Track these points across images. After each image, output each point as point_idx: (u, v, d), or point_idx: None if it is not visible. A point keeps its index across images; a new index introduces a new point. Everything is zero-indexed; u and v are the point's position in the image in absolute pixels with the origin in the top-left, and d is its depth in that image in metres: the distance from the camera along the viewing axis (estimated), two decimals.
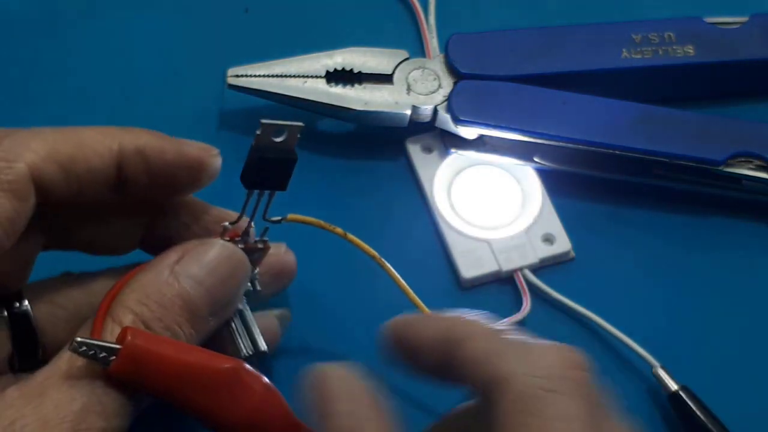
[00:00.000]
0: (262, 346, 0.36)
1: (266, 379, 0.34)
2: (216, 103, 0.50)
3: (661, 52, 0.49)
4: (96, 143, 0.34)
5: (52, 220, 0.36)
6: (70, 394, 0.31)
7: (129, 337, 0.31)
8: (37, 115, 0.49)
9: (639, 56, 0.49)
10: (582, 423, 0.29)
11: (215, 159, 0.37)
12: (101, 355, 0.31)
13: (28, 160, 0.33)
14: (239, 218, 0.37)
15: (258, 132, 0.34)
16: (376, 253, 0.40)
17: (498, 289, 0.46)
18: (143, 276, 0.34)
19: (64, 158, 0.34)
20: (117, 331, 0.32)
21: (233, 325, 0.37)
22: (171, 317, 0.33)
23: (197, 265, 0.35)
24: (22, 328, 0.36)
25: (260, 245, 0.38)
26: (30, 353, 0.36)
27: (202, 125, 0.49)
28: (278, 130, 0.34)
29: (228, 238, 0.36)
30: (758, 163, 0.47)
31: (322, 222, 0.39)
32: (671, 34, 0.50)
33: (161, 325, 0.33)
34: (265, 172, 0.35)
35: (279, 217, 0.38)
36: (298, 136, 0.35)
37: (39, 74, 0.51)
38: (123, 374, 0.31)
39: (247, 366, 0.34)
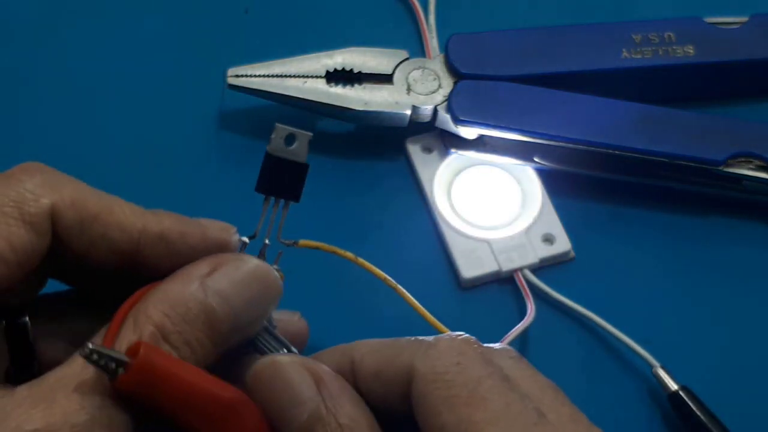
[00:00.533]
0: (293, 349, 0.36)
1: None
2: (216, 103, 0.50)
3: (661, 52, 0.49)
4: (123, 218, 0.34)
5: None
6: (80, 404, 0.30)
7: (141, 352, 0.30)
8: (36, 116, 0.49)
9: (639, 56, 0.49)
10: (496, 377, 0.32)
11: (235, 237, 0.36)
12: (111, 366, 0.30)
13: (53, 199, 0.33)
14: (256, 233, 0.36)
15: (272, 135, 0.35)
16: (388, 276, 0.40)
17: (498, 289, 0.46)
18: (170, 285, 0.33)
19: (86, 215, 0.33)
20: (134, 340, 0.31)
21: (263, 344, 0.36)
22: (192, 332, 0.32)
23: (228, 281, 0.34)
24: (20, 341, 0.35)
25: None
26: (26, 367, 0.35)
27: (202, 125, 0.49)
28: (290, 135, 0.35)
29: None
30: (758, 163, 0.47)
31: (334, 248, 0.39)
32: (671, 34, 0.50)
33: (181, 339, 0.32)
34: (278, 175, 0.36)
35: (291, 241, 0.38)
36: (308, 144, 0.35)
37: (38, 74, 0.51)
38: (128, 388, 0.31)
39: (249, 398, 0.33)
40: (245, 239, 0.36)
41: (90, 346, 0.30)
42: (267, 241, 0.37)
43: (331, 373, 0.33)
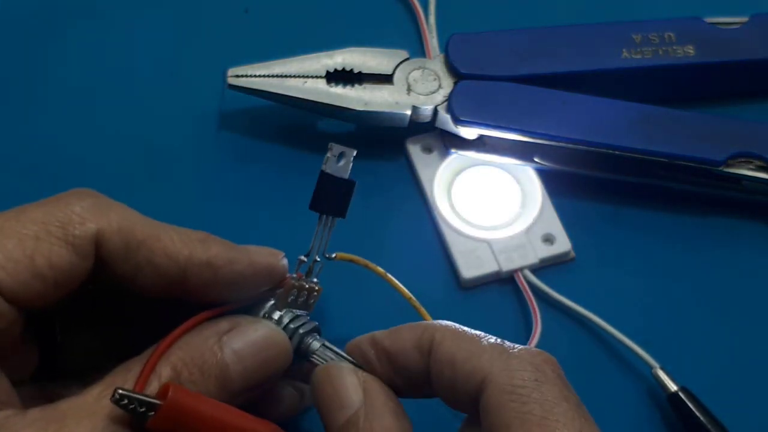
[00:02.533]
0: (351, 360, 0.36)
1: None
2: (216, 103, 0.50)
3: (661, 52, 0.49)
4: (170, 244, 0.35)
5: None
6: (90, 430, 0.31)
7: (170, 394, 0.31)
8: (37, 115, 0.49)
9: (639, 56, 0.49)
10: (572, 402, 0.31)
11: (283, 261, 0.37)
12: (141, 410, 0.31)
13: (100, 224, 0.34)
14: (311, 251, 0.37)
15: (328, 155, 0.36)
16: (412, 296, 0.41)
17: (498, 289, 0.46)
18: (193, 337, 0.34)
19: (133, 240, 0.34)
20: (155, 383, 0.32)
21: (321, 360, 0.37)
22: (204, 384, 0.33)
23: (243, 341, 0.35)
24: (48, 341, 0.36)
25: (316, 287, 0.38)
26: (53, 367, 0.36)
27: (202, 125, 0.49)
28: (341, 153, 0.36)
29: (296, 275, 0.37)
30: (758, 163, 0.47)
31: (366, 261, 0.40)
32: (671, 34, 0.50)
33: (194, 388, 0.33)
34: (330, 193, 0.36)
35: (333, 255, 0.38)
36: (351, 160, 0.36)
37: (39, 74, 0.51)
38: (158, 429, 0.31)
39: (280, 429, 0.34)
40: (302, 257, 0.37)
41: (120, 391, 0.31)
42: (317, 258, 0.38)
43: (379, 384, 0.34)
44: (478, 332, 0.34)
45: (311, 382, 0.35)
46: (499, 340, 0.34)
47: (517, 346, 0.33)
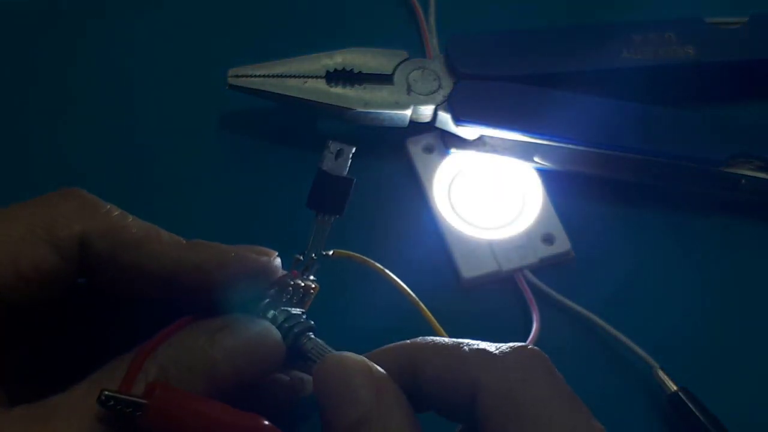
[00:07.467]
0: None
1: None
2: (216, 103, 0.50)
3: (661, 52, 0.49)
4: (159, 248, 0.34)
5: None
6: (75, 428, 0.30)
7: (156, 393, 0.31)
8: (37, 115, 0.49)
9: (639, 56, 0.49)
10: (564, 397, 0.31)
11: (276, 261, 0.37)
12: (128, 410, 0.31)
13: (85, 226, 0.33)
14: (308, 250, 0.37)
15: (325, 152, 0.36)
16: (411, 292, 0.40)
17: (498, 289, 0.46)
18: (184, 334, 0.34)
19: (119, 243, 0.34)
20: (142, 382, 0.32)
21: (316, 359, 0.36)
22: (191, 383, 0.33)
23: (235, 340, 0.34)
24: (40, 340, 0.36)
25: (312, 285, 0.38)
26: (45, 366, 0.36)
27: (202, 125, 0.49)
28: (339, 150, 0.36)
29: (292, 273, 0.37)
30: (758, 163, 0.47)
31: (365, 258, 0.40)
32: (671, 34, 0.50)
33: (183, 387, 0.32)
34: (327, 191, 0.36)
35: (330, 252, 0.38)
36: (350, 157, 0.36)
37: (40, 74, 0.51)
38: (146, 427, 0.31)
39: (268, 423, 0.34)
40: (299, 256, 0.37)
41: (106, 393, 0.30)
42: (314, 256, 0.37)
43: (391, 382, 0.33)
44: (458, 341, 0.34)
45: (317, 373, 0.34)
46: (481, 344, 0.33)
47: (501, 346, 0.33)
